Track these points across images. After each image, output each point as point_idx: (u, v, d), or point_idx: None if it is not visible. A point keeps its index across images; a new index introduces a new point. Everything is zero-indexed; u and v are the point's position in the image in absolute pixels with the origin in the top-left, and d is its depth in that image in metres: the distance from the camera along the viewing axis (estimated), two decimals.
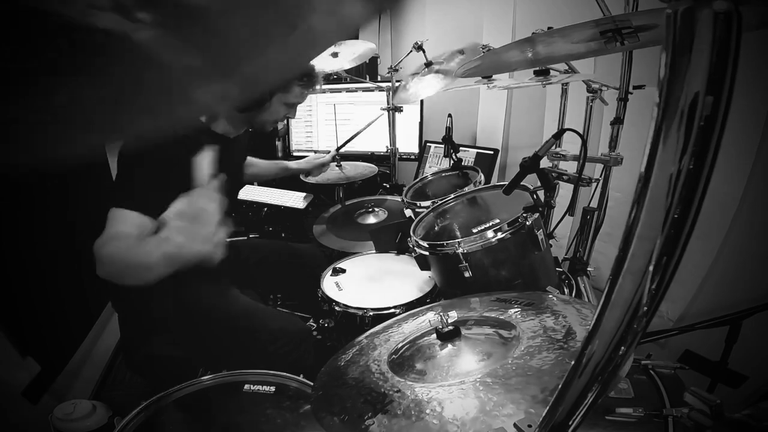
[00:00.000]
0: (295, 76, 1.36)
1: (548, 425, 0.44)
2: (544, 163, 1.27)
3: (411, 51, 1.94)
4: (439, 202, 1.56)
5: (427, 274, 1.38)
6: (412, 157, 2.62)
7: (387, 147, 2.51)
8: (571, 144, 1.65)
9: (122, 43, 0.18)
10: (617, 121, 1.49)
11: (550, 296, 0.99)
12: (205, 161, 0.91)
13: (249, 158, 1.88)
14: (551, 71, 1.44)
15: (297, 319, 1.46)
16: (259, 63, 0.20)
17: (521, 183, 1.27)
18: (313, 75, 1.42)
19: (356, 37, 3.39)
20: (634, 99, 1.48)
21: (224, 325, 1.35)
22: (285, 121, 2.82)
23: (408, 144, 2.59)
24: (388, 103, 2.40)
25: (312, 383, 0.92)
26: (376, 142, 2.62)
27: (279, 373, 1.11)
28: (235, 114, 1.37)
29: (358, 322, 1.36)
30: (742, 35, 0.29)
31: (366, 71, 2.93)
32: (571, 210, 1.53)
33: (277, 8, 0.20)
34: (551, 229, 1.67)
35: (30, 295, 1.61)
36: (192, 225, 0.89)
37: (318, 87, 1.46)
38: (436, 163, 2.49)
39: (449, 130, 1.70)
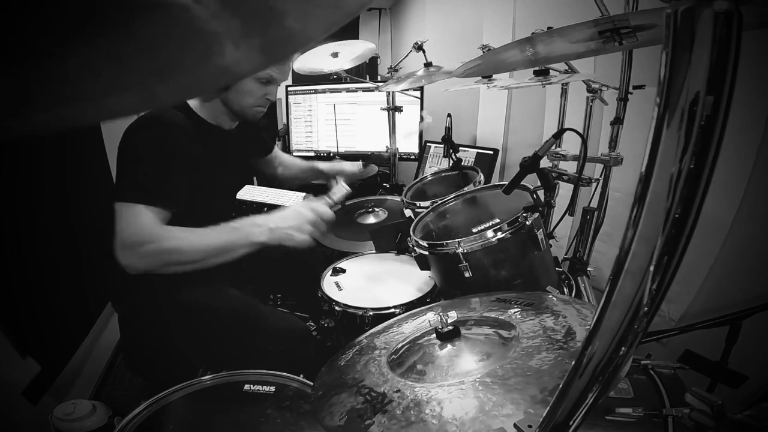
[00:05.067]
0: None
1: (549, 425, 0.44)
2: (544, 163, 1.27)
3: (411, 51, 1.94)
4: (439, 202, 1.56)
5: (427, 274, 1.38)
6: (412, 157, 2.62)
7: (387, 147, 2.52)
8: (571, 144, 1.65)
9: (140, 2, 0.18)
10: (617, 121, 1.49)
11: (550, 296, 0.98)
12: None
13: (277, 153, 1.83)
14: (551, 71, 1.43)
15: (296, 319, 1.46)
16: (279, 30, 0.19)
17: (521, 183, 1.26)
18: None
19: (356, 37, 3.40)
20: (634, 99, 1.48)
21: (224, 325, 1.35)
22: (285, 121, 2.82)
23: (408, 144, 2.59)
24: (388, 103, 2.40)
25: (312, 383, 0.92)
26: (376, 142, 2.63)
27: (279, 373, 1.11)
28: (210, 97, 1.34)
29: (358, 322, 1.36)
30: (742, 35, 0.29)
31: (366, 71, 2.93)
32: (571, 210, 1.53)
33: None
34: (551, 229, 1.67)
35: (30, 295, 1.61)
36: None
37: (292, 59, 1.39)
38: (436, 163, 2.49)
39: (449, 130, 1.70)
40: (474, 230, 1.21)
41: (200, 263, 1.16)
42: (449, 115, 1.72)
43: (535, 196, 1.23)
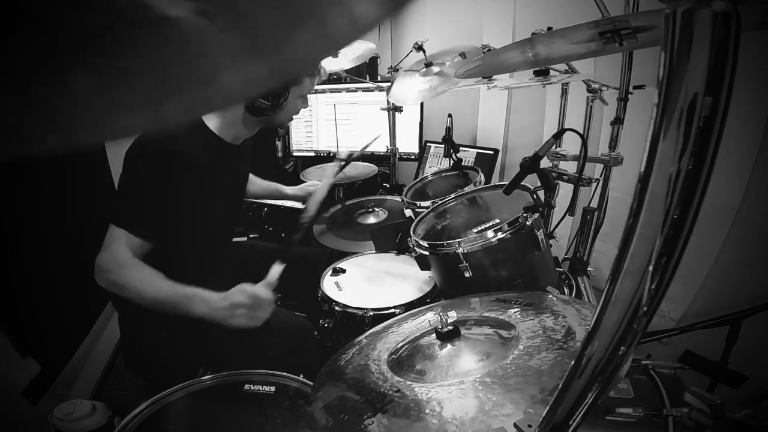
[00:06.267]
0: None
1: (548, 425, 0.44)
2: (544, 163, 1.27)
3: (411, 51, 1.94)
4: (439, 202, 1.56)
5: (427, 274, 1.38)
6: (412, 157, 2.62)
7: (387, 147, 2.52)
8: (571, 144, 1.65)
9: (148, 20, 0.18)
10: (617, 121, 1.49)
11: (550, 296, 0.99)
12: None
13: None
14: (551, 71, 1.44)
15: (298, 317, 1.46)
16: (287, 49, 0.19)
17: (521, 183, 1.27)
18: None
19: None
20: (634, 99, 1.48)
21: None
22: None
23: (408, 144, 2.59)
24: (388, 103, 2.40)
25: (312, 383, 0.92)
26: (376, 142, 2.62)
27: (279, 373, 1.11)
28: (250, 118, 1.35)
29: (358, 322, 1.36)
30: (741, 35, 0.29)
31: (366, 71, 2.93)
32: (571, 210, 1.53)
33: None
34: (551, 229, 1.67)
35: (30, 295, 1.61)
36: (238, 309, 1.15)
37: (322, 73, 1.46)
38: (436, 163, 2.49)
39: (449, 130, 1.70)
40: (474, 230, 1.21)
41: (144, 305, 1.18)
42: (450, 115, 1.72)
43: (535, 196, 1.23)
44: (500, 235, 1.18)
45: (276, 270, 1.26)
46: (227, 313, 1.16)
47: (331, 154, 2.70)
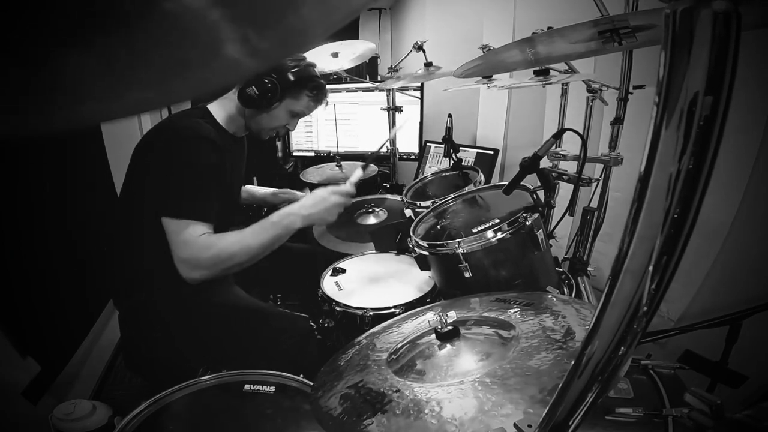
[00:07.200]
0: (306, 87, 1.38)
1: (548, 425, 0.44)
2: (544, 163, 1.27)
3: (411, 51, 1.94)
4: (439, 202, 1.56)
5: (427, 274, 1.38)
6: (412, 157, 2.62)
7: (387, 147, 2.52)
8: (571, 144, 1.65)
9: None
10: (617, 121, 1.49)
11: (550, 296, 0.98)
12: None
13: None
14: (551, 71, 1.44)
15: (298, 318, 1.46)
16: (295, 19, 0.19)
17: (521, 183, 1.26)
18: (323, 89, 1.43)
19: (356, 37, 3.40)
20: (634, 99, 1.48)
21: (226, 323, 1.35)
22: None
23: (408, 144, 2.59)
24: (388, 103, 2.40)
25: (312, 383, 0.92)
26: (376, 142, 2.63)
27: (279, 373, 1.11)
28: (240, 108, 1.36)
29: (358, 322, 1.36)
30: (741, 35, 0.29)
31: (366, 71, 2.93)
32: (571, 210, 1.53)
33: None
34: (551, 229, 1.67)
35: (30, 295, 1.61)
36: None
37: (324, 104, 1.46)
38: (436, 163, 2.49)
39: (449, 130, 1.70)
40: (474, 230, 1.21)
41: (252, 261, 1.24)
42: (450, 115, 1.72)
43: (535, 196, 1.23)
44: (500, 235, 1.17)
45: (358, 173, 1.43)
46: (323, 214, 1.31)
47: (331, 154, 2.70)
